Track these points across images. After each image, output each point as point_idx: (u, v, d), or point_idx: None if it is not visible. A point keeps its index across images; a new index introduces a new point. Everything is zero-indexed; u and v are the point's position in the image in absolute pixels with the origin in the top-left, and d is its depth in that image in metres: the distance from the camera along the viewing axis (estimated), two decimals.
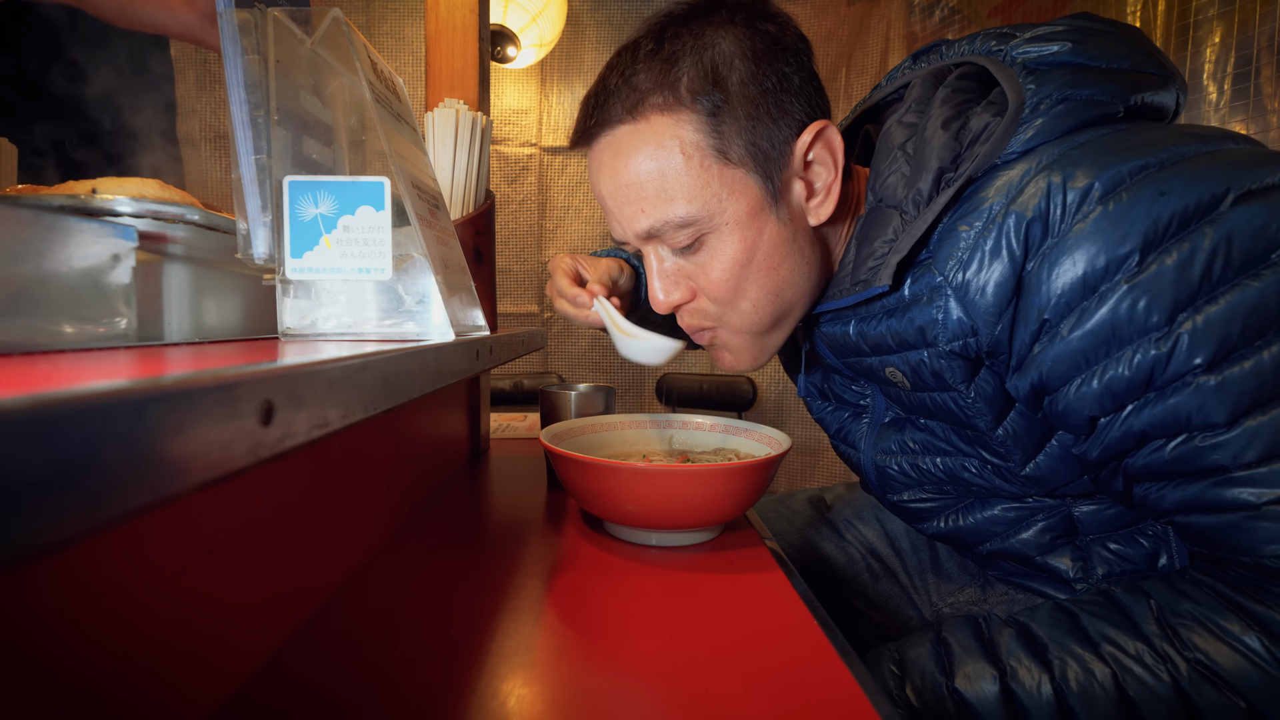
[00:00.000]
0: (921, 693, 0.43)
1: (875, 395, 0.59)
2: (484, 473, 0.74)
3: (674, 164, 0.46)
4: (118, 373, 0.18)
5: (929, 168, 0.46)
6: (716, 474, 0.47)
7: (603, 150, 0.50)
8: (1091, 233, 0.38)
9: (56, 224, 0.27)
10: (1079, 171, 0.39)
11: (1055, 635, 0.41)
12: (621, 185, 0.49)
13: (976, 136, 0.45)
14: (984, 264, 0.42)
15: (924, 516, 0.59)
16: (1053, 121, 0.42)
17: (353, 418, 0.20)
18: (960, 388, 0.47)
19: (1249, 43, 1.09)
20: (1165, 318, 0.37)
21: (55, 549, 0.09)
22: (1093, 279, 0.38)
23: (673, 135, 0.46)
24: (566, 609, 0.41)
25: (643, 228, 0.49)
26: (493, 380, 1.63)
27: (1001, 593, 0.59)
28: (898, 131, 0.50)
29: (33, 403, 0.09)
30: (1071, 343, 0.40)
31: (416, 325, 0.37)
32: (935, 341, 0.45)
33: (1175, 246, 0.37)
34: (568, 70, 2.09)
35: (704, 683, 0.33)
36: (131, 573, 0.24)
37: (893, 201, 0.48)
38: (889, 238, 0.47)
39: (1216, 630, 0.37)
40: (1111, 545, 0.51)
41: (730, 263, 0.49)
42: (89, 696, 0.22)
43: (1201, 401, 0.36)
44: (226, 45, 0.34)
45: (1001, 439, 0.48)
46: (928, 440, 0.55)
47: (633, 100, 0.47)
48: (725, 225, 0.48)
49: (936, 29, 1.98)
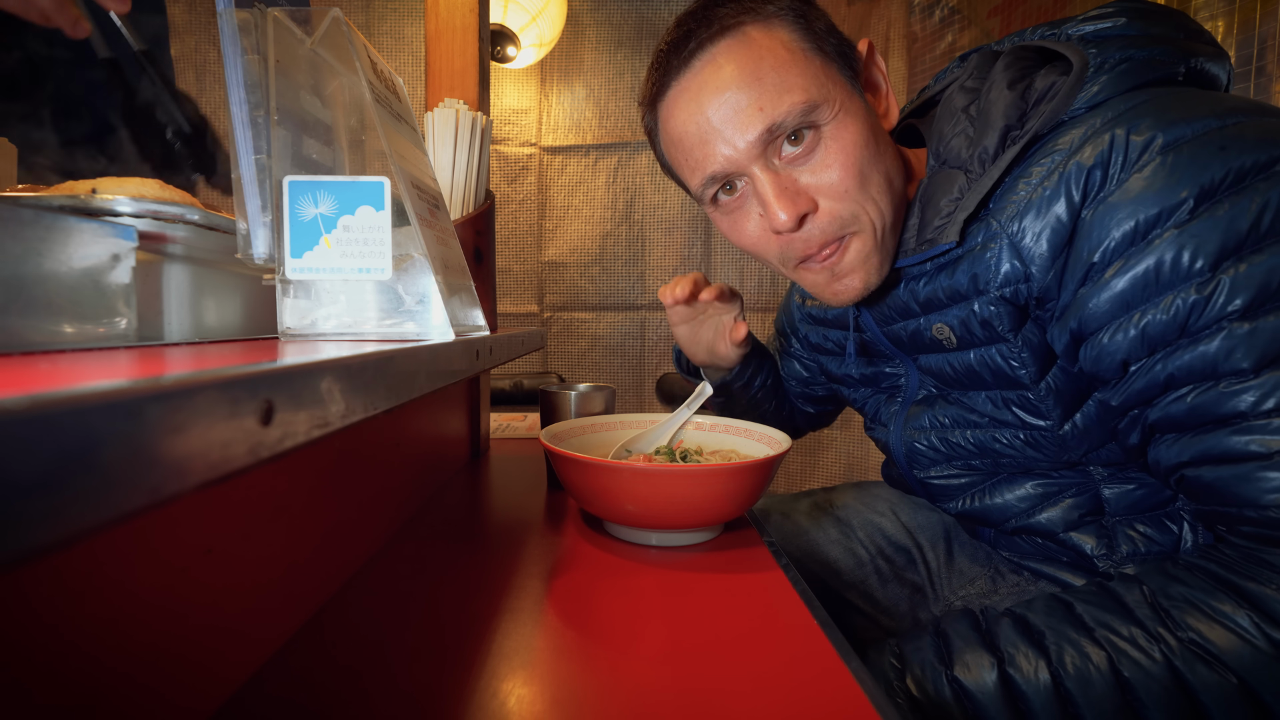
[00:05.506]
0: (921, 683, 0.43)
1: (910, 372, 0.60)
2: (484, 473, 0.74)
3: (782, 59, 0.47)
4: (117, 373, 0.18)
5: (995, 126, 0.47)
6: (716, 474, 0.47)
7: (702, 70, 0.49)
8: (1149, 181, 0.39)
9: (56, 224, 0.27)
10: (1143, 124, 0.40)
11: (1051, 623, 0.42)
12: (731, 94, 0.48)
13: (1042, 95, 0.47)
14: (1041, 211, 0.43)
15: (951, 493, 0.60)
16: (1116, 79, 0.44)
17: (353, 418, 0.20)
18: (1009, 336, 0.48)
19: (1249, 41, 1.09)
20: (1209, 264, 0.37)
21: (55, 549, 0.09)
22: (1144, 226, 0.39)
23: (773, 38, 0.48)
24: (566, 609, 0.41)
25: (764, 125, 0.47)
26: (493, 380, 1.63)
27: (1013, 584, 0.60)
28: (960, 96, 0.52)
29: (33, 403, 0.09)
30: (1114, 287, 0.40)
31: (416, 325, 0.37)
32: (987, 288, 0.47)
33: (1229, 199, 0.37)
34: (568, 70, 2.09)
35: (704, 683, 0.33)
36: (132, 572, 0.24)
37: (957, 162, 0.50)
38: (954, 196, 0.48)
39: (1208, 610, 0.38)
40: (1139, 527, 0.51)
41: (852, 146, 0.48)
42: (91, 695, 0.22)
43: (1231, 346, 0.37)
44: (226, 45, 0.34)
45: (1043, 394, 0.49)
46: (959, 414, 0.56)
47: (724, 24, 0.48)
48: (838, 114, 0.48)
49: (936, 29, 1.98)
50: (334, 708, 0.30)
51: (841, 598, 0.68)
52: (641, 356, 2.15)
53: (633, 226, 2.11)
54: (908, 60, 2.08)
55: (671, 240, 2.12)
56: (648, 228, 2.12)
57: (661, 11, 2.10)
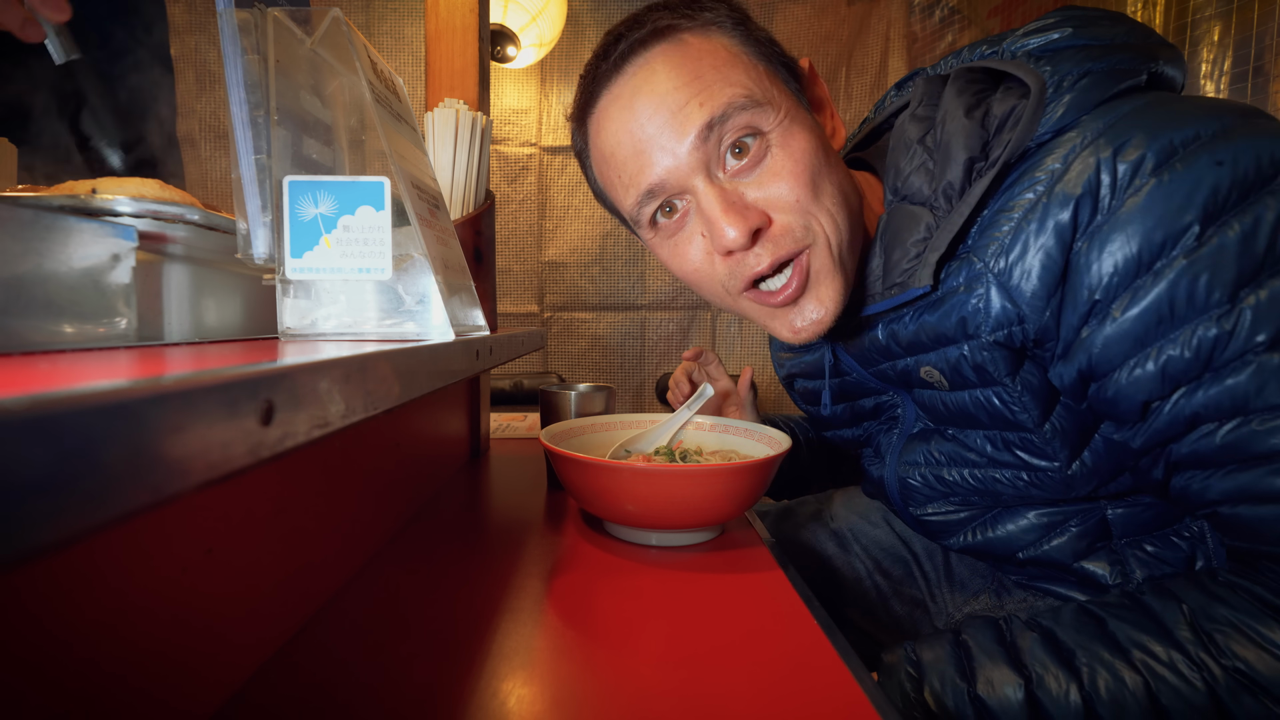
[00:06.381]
0: (940, 697, 0.41)
1: (906, 405, 0.57)
2: (484, 473, 0.74)
3: (722, 59, 0.44)
4: (118, 373, 0.18)
5: (956, 159, 0.44)
6: (716, 474, 0.47)
7: (635, 75, 0.45)
8: (1146, 206, 0.36)
9: (56, 224, 0.27)
10: (1129, 144, 0.38)
11: (1082, 640, 0.39)
12: (667, 93, 0.44)
13: (1003, 121, 0.44)
14: (1028, 247, 0.40)
15: (949, 530, 0.56)
16: (1081, 95, 0.41)
17: (353, 418, 0.20)
18: (1005, 381, 0.44)
19: (1246, 42, 1.09)
20: (1227, 294, 0.35)
21: (55, 549, 0.09)
22: (1148, 255, 0.36)
23: (712, 42, 0.45)
24: (566, 609, 0.41)
25: (703, 121, 0.43)
26: (493, 380, 1.63)
27: (1020, 599, 0.57)
28: (913, 126, 0.49)
29: (33, 403, 0.09)
30: (1124, 324, 0.38)
31: (416, 325, 0.37)
32: (977, 333, 0.43)
33: (1237, 218, 0.35)
34: (568, 70, 2.09)
35: (704, 683, 0.33)
36: (132, 572, 0.24)
37: (919, 198, 0.46)
38: (921, 236, 0.45)
39: (1255, 637, 0.35)
40: (1148, 547, 0.49)
41: (801, 154, 0.45)
42: (88, 697, 0.22)
43: (1263, 382, 0.34)
44: (226, 45, 0.34)
45: (1048, 436, 0.45)
46: (955, 451, 0.52)
47: (657, 26, 0.45)
48: (783, 121, 0.45)
49: (936, 29, 1.98)
50: (334, 708, 0.30)
51: (841, 614, 0.67)
52: (641, 356, 2.15)
53: None
54: (908, 60, 2.08)
55: None
56: None
57: None
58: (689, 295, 2.13)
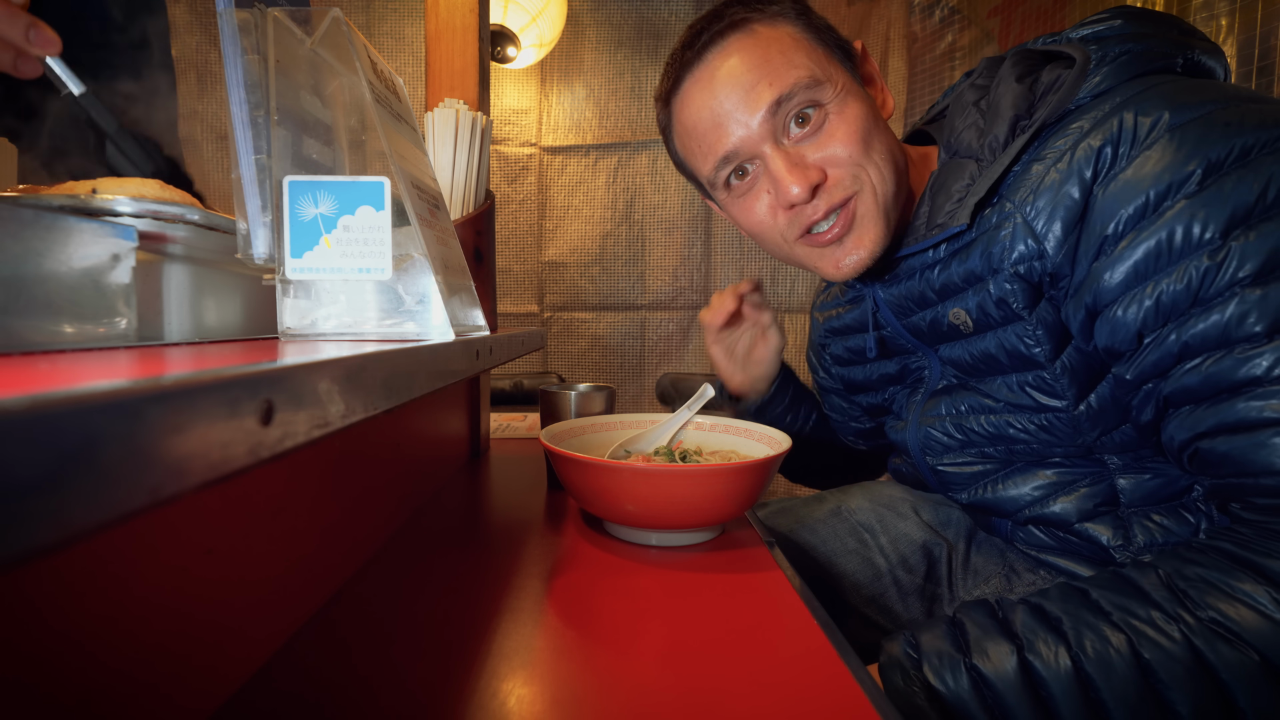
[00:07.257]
0: (939, 671, 0.43)
1: (932, 364, 0.62)
2: (484, 473, 0.74)
3: (787, 46, 0.53)
4: (117, 373, 0.18)
5: (1004, 116, 0.50)
6: (716, 474, 0.47)
7: (713, 60, 0.54)
8: (1158, 157, 0.41)
9: (56, 224, 0.27)
10: (1149, 106, 0.43)
11: (1068, 609, 0.42)
12: (741, 77, 0.52)
13: (1049, 87, 0.50)
14: (1055, 191, 0.45)
15: (962, 482, 0.60)
16: (1118, 68, 0.47)
17: (353, 418, 0.20)
18: (1024, 314, 0.49)
19: (1250, 43, 1.09)
20: (1219, 233, 0.39)
21: (55, 549, 0.09)
22: (1155, 199, 0.41)
23: (778, 31, 0.53)
24: (566, 609, 0.41)
25: (772, 98, 0.51)
26: (493, 380, 1.63)
27: (1028, 582, 0.60)
28: (969, 93, 0.56)
29: (33, 403, 0.09)
30: (1128, 259, 0.42)
31: (416, 325, 0.37)
32: (1001, 265, 0.48)
33: (1235, 172, 0.39)
34: (568, 70, 2.09)
35: (703, 683, 0.33)
36: (132, 572, 0.24)
37: (968, 152, 0.53)
38: (965, 182, 0.51)
39: (1227, 589, 0.37)
40: (1155, 517, 0.51)
41: (855, 120, 0.53)
42: (91, 694, 0.22)
43: (1244, 312, 0.38)
44: (226, 45, 0.34)
45: (1059, 373, 0.50)
46: (976, 400, 0.57)
47: (733, 19, 0.54)
48: (840, 94, 0.53)
49: (936, 29, 1.98)
50: (334, 708, 0.30)
51: (859, 613, 0.66)
52: (641, 356, 2.15)
53: (633, 226, 2.11)
54: (908, 60, 2.08)
55: (671, 240, 2.12)
56: (648, 228, 2.12)
57: (661, 12, 2.10)
58: (689, 295, 2.13)
